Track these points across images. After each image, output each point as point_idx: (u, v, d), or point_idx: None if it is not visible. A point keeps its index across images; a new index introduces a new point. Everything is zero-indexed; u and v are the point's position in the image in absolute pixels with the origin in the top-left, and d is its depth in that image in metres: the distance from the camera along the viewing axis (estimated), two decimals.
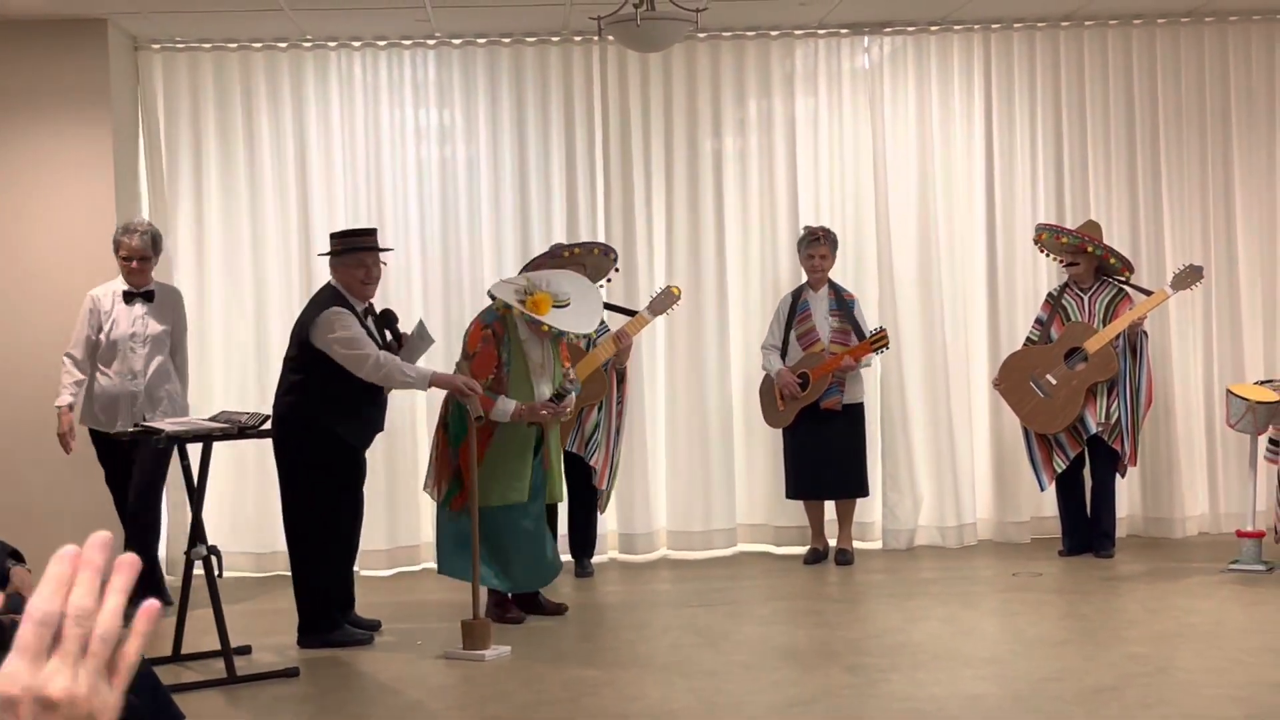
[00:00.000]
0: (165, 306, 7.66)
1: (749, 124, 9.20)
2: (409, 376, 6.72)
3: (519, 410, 6.72)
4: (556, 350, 7.04)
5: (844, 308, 8.53)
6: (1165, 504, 9.04)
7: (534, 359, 6.92)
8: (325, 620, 6.77)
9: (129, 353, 7.51)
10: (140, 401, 7.48)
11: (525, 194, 9.02)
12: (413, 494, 8.97)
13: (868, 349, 8.39)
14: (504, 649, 6.44)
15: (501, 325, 6.89)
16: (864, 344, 8.40)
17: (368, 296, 6.98)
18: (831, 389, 8.36)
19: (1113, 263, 8.35)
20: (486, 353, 6.84)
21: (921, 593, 7.63)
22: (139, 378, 7.51)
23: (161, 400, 7.53)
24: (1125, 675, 5.70)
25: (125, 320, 7.52)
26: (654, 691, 5.75)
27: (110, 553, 1.18)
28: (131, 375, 7.50)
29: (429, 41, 8.99)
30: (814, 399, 8.36)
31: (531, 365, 6.90)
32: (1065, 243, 8.32)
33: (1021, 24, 9.15)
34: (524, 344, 6.91)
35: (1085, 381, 8.18)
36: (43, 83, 8.25)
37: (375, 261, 6.96)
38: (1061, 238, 8.33)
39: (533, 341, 6.92)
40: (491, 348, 6.86)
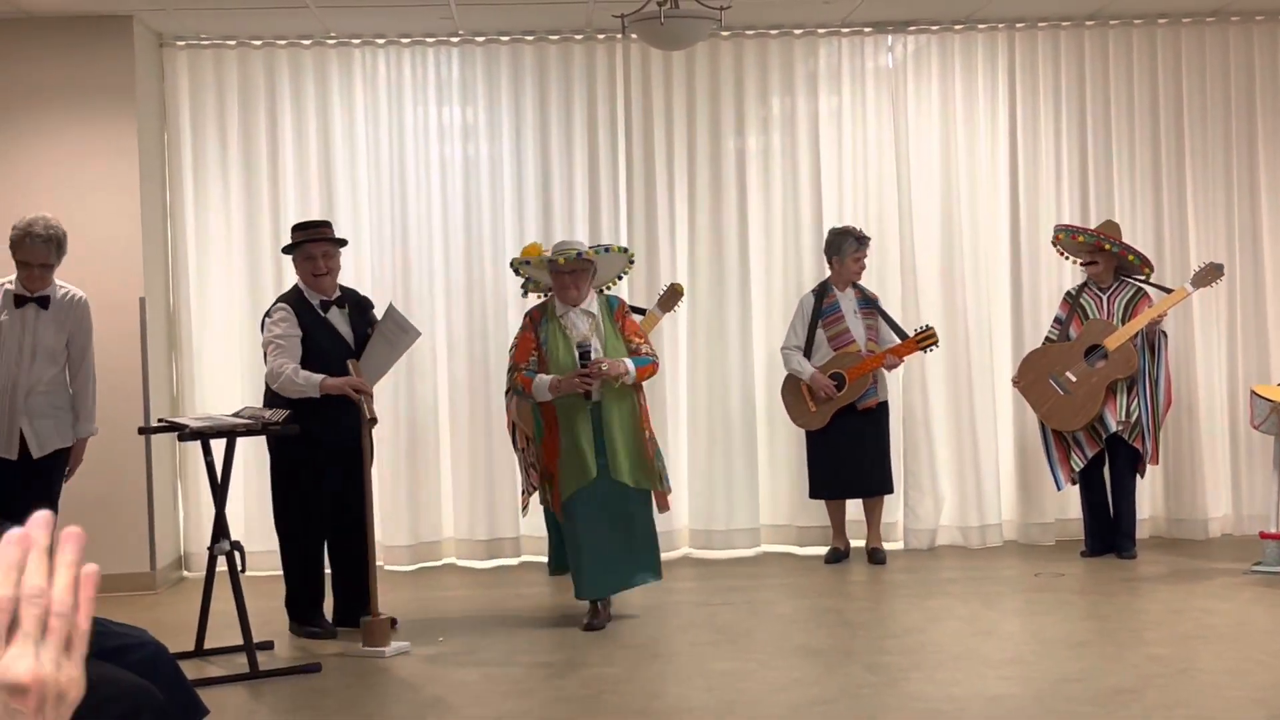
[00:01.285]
0: (64, 315, 6.80)
1: (772, 122, 9.20)
2: (300, 384, 6.76)
3: (554, 384, 6.70)
4: (611, 324, 6.88)
5: (872, 306, 8.52)
6: (1188, 505, 9.02)
7: (577, 334, 6.81)
8: (293, 611, 7.06)
9: (12, 364, 6.70)
10: (19, 418, 6.69)
11: (548, 192, 9.04)
12: (434, 491, 9.01)
13: (914, 347, 8.37)
14: (404, 644, 6.54)
15: (539, 310, 6.96)
16: (909, 342, 8.37)
17: (324, 289, 7.07)
18: (869, 389, 8.36)
19: (1132, 260, 8.32)
20: (524, 338, 6.94)
21: (942, 593, 7.62)
22: (20, 392, 6.69)
23: (47, 420, 6.76)
24: (1146, 676, 5.69)
25: (13, 327, 6.71)
26: (674, 689, 5.76)
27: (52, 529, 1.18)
28: (12, 388, 6.68)
29: (453, 39, 9.01)
30: (851, 399, 8.35)
31: (572, 340, 6.79)
32: (1082, 241, 8.30)
33: (1046, 23, 9.13)
34: (561, 320, 6.85)
35: (1105, 379, 8.16)
36: (69, 79, 8.29)
37: (325, 254, 7.03)
38: (1078, 237, 8.31)
39: (574, 316, 6.84)
40: (529, 332, 6.91)
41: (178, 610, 7.69)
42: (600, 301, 6.95)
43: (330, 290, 7.09)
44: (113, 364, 8.14)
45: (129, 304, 8.27)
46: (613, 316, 6.91)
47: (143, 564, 8.28)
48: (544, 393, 6.75)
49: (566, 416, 6.77)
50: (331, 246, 7.11)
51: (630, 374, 6.73)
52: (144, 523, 8.30)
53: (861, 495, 8.58)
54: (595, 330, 6.83)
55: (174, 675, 3.88)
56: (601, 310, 6.91)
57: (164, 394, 8.64)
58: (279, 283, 8.89)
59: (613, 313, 6.93)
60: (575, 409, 6.75)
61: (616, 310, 6.95)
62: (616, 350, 6.79)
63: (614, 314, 6.93)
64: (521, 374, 6.81)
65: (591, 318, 6.87)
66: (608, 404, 6.76)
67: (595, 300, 6.93)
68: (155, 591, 8.26)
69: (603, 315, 6.89)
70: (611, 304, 6.98)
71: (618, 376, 6.69)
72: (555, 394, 6.72)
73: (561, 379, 6.69)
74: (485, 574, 8.70)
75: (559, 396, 6.73)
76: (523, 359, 6.86)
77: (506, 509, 8.96)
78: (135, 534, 8.26)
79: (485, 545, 8.97)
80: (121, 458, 8.15)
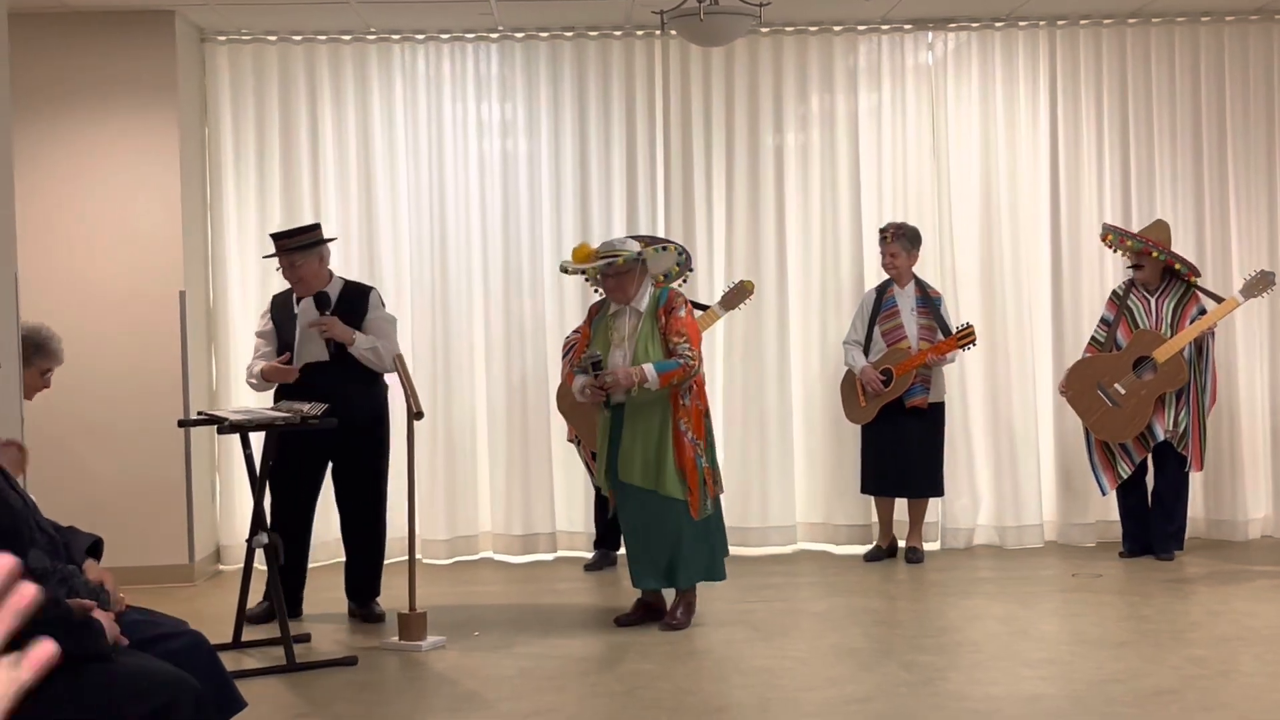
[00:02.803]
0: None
1: (811, 120, 9.17)
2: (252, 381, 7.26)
3: (580, 391, 6.81)
4: (653, 321, 6.71)
5: (929, 305, 8.49)
6: (1228, 507, 8.96)
7: (619, 332, 6.77)
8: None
9: None
10: None
11: (586, 188, 9.04)
12: (470, 486, 9.03)
13: (953, 345, 8.34)
14: (440, 638, 6.57)
15: (599, 305, 7.01)
16: (949, 340, 8.35)
17: (300, 293, 7.28)
18: (915, 387, 8.33)
19: (1178, 269, 8.24)
20: (583, 333, 7.03)
21: (979, 592, 7.59)
22: None
23: None
24: (1186, 678, 5.65)
25: None
26: (709, 686, 5.75)
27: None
28: None
29: (492, 35, 9.02)
30: (897, 395, 8.33)
31: (614, 339, 6.75)
32: (1130, 245, 8.23)
33: (1087, 20, 9.08)
34: (611, 318, 6.82)
35: (1155, 392, 8.09)
36: (110, 74, 8.34)
37: (285, 264, 7.22)
38: (1126, 240, 8.24)
39: (622, 314, 6.79)
40: (586, 328, 7.00)
41: (215, 602, 7.74)
42: (651, 298, 6.78)
43: (309, 291, 7.22)
44: (152, 357, 8.20)
45: (169, 298, 8.32)
46: (656, 313, 6.73)
47: (181, 556, 8.33)
48: (579, 394, 6.83)
49: (600, 419, 6.89)
50: (293, 256, 7.18)
51: (649, 381, 6.55)
52: (183, 515, 8.34)
53: (906, 495, 8.56)
54: (634, 332, 6.72)
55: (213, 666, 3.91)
56: (648, 307, 6.75)
57: (203, 387, 8.68)
58: None
59: (657, 310, 6.73)
60: (601, 412, 6.86)
61: (662, 306, 6.72)
62: (648, 353, 6.63)
63: (658, 311, 6.72)
64: (571, 370, 6.98)
65: (638, 316, 6.76)
66: (630, 406, 6.69)
67: (646, 297, 6.78)
68: (193, 584, 8.31)
69: (647, 313, 6.74)
70: (660, 299, 6.74)
71: (628, 388, 6.60)
72: (582, 400, 6.87)
73: (583, 386, 6.77)
74: (521, 569, 8.71)
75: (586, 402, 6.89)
76: (578, 355, 6.97)
77: (543, 504, 8.97)
78: (174, 526, 8.30)
79: (521, 540, 8.98)
80: (161, 450, 8.21)
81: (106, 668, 3.48)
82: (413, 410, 6.64)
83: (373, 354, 7.11)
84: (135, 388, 8.22)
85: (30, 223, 7.83)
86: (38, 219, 8.16)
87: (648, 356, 6.62)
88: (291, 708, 5.59)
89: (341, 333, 7.08)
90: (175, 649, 3.78)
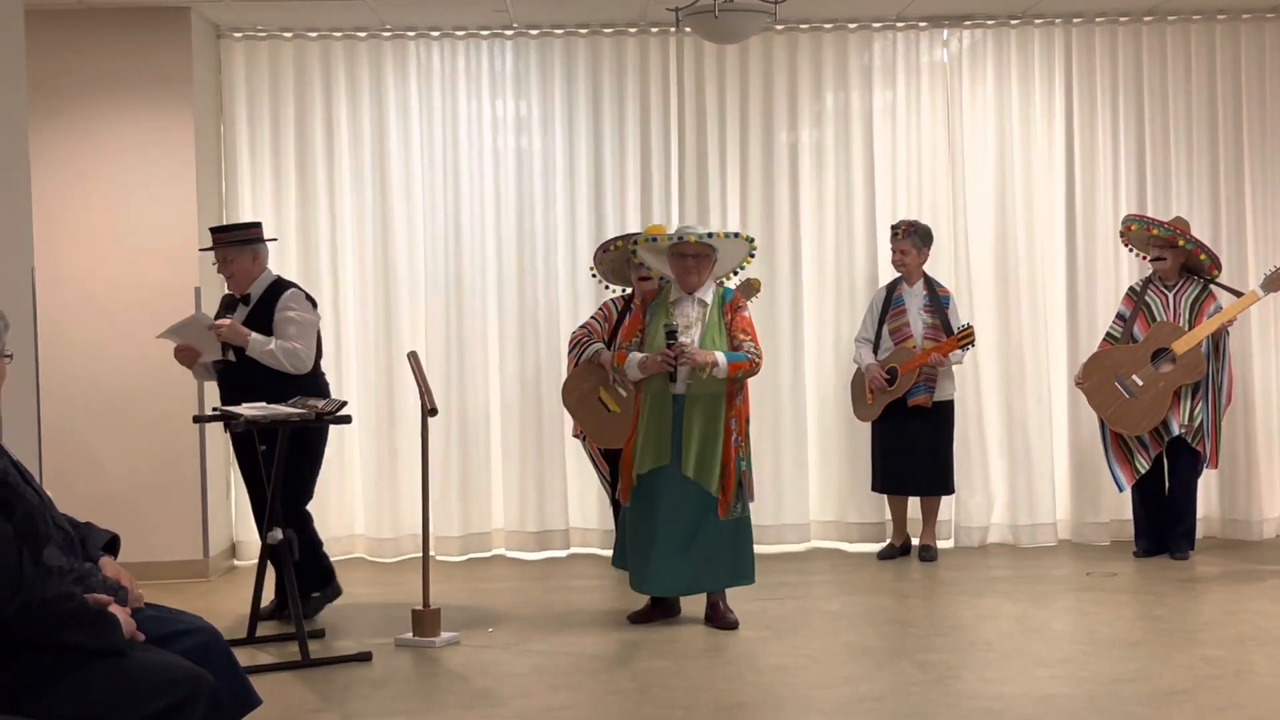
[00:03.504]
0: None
1: (825, 117, 9.16)
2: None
3: (642, 362, 6.68)
4: (719, 316, 6.75)
5: (937, 304, 8.48)
6: (1243, 506, 8.95)
7: (685, 318, 6.73)
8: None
9: None
10: None
11: (600, 185, 9.04)
12: (484, 482, 9.04)
13: (954, 345, 8.33)
14: (454, 635, 6.59)
15: (654, 292, 6.97)
16: (950, 340, 8.34)
17: (232, 290, 7.30)
18: (918, 387, 8.32)
19: (1203, 260, 8.22)
20: (634, 318, 6.97)
21: (993, 591, 7.58)
22: None
23: None
24: (1200, 678, 5.65)
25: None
26: (722, 684, 5.75)
27: None
28: None
29: (507, 32, 9.03)
30: (900, 394, 8.33)
31: (678, 324, 6.71)
32: (1157, 235, 8.20)
33: (1103, 18, 9.06)
34: (671, 305, 6.79)
35: (1172, 384, 8.07)
36: (126, 70, 8.36)
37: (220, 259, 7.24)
38: (1153, 229, 8.20)
39: (684, 302, 6.77)
40: (639, 314, 6.92)
41: (229, 598, 7.76)
42: (716, 293, 6.81)
43: (239, 289, 7.22)
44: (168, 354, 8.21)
45: (184, 293, 8.33)
46: (723, 309, 6.77)
47: (196, 552, 8.35)
48: (634, 370, 6.73)
49: (651, 402, 6.73)
50: (227, 251, 7.17)
51: (720, 366, 6.57)
52: (198, 511, 8.37)
53: (916, 493, 8.56)
54: (701, 319, 6.73)
55: (228, 662, 3.91)
56: (715, 301, 6.77)
57: None
58: (334, 273, 8.97)
59: (724, 305, 6.78)
60: (661, 396, 6.69)
61: (729, 303, 6.78)
62: (715, 342, 6.67)
63: (725, 306, 6.77)
64: (620, 351, 6.87)
65: (703, 307, 6.76)
66: (692, 398, 6.66)
67: (712, 290, 6.80)
68: (208, 579, 8.33)
69: (714, 306, 6.76)
70: (726, 296, 6.82)
71: (703, 365, 6.57)
72: (644, 372, 6.69)
73: (648, 357, 6.66)
74: (535, 565, 8.72)
75: (650, 376, 6.69)
76: (627, 338, 6.92)
77: (556, 501, 8.98)
78: (189, 522, 8.33)
79: (535, 537, 8.99)
80: (176, 446, 8.24)
81: (123, 663, 3.49)
82: (426, 407, 6.64)
83: (269, 356, 7.02)
84: (150, 384, 8.24)
85: (46, 219, 7.86)
86: (54, 215, 8.19)
87: (714, 348, 6.66)
88: (306, 704, 5.60)
89: (231, 334, 7.03)
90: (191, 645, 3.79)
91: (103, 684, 3.44)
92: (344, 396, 8.50)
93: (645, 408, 6.76)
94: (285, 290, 7.23)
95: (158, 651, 3.63)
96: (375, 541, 8.97)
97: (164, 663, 3.56)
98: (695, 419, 6.66)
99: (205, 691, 3.54)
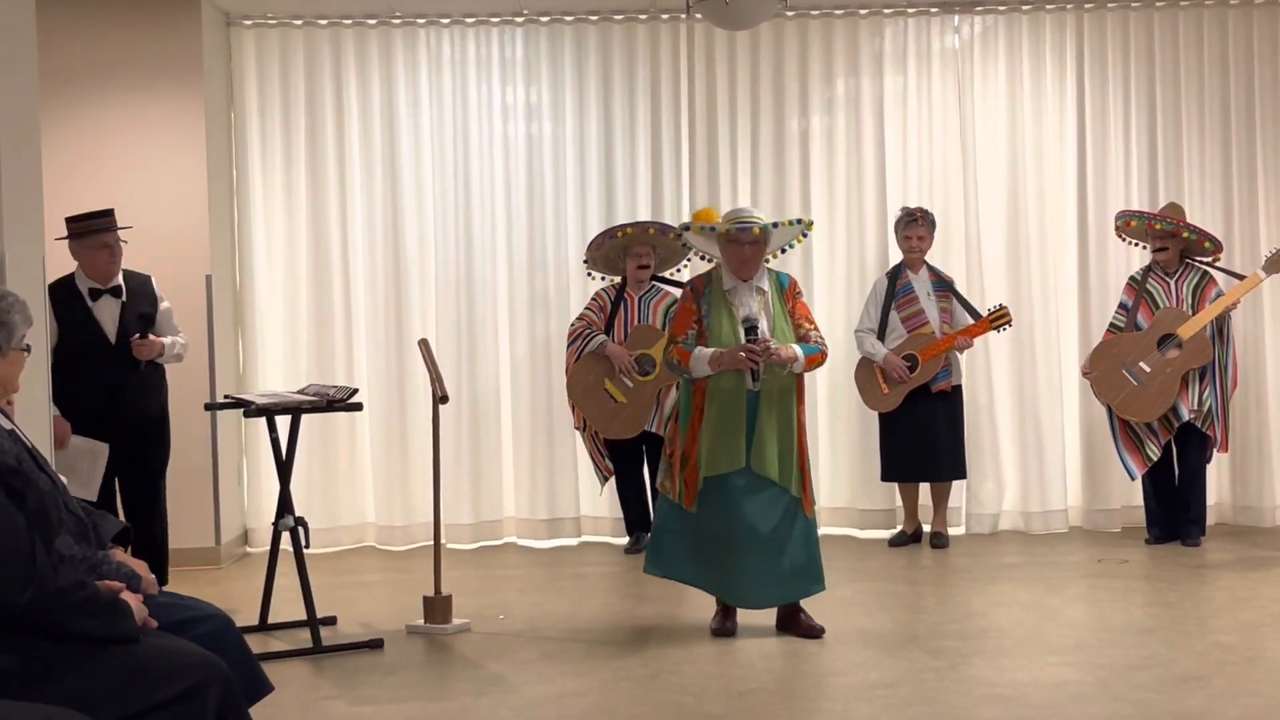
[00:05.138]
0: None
1: (836, 103, 9.14)
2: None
3: (715, 358, 6.15)
4: (781, 304, 6.31)
5: (946, 288, 8.47)
6: (1254, 492, 8.94)
7: (746, 308, 6.23)
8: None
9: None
10: None
11: (610, 172, 9.04)
12: (495, 469, 9.05)
13: (987, 327, 8.31)
14: (465, 621, 6.58)
15: (703, 280, 6.41)
16: (983, 322, 8.32)
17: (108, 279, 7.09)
18: (942, 371, 8.32)
19: (1207, 246, 8.21)
20: (684, 308, 6.37)
21: (1005, 578, 7.57)
22: None
23: None
24: (1212, 664, 5.64)
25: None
26: (734, 670, 5.75)
27: None
28: None
29: (517, 19, 9.02)
30: (923, 381, 8.32)
31: (738, 315, 6.23)
32: (1160, 229, 8.18)
33: (1115, 4, 9.03)
34: (728, 294, 6.29)
35: (1180, 369, 8.06)
36: (137, 58, 8.36)
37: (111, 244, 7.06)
38: (1155, 224, 8.19)
39: (741, 291, 6.28)
40: (689, 303, 6.36)
41: (241, 585, 7.77)
42: (771, 279, 6.36)
43: (112, 278, 7.09)
44: None
45: (195, 281, 8.35)
46: (783, 296, 6.37)
47: (208, 539, 8.37)
48: (703, 367, 6.17)
49: (720, 400, 6.21)
50: (113, 236, 7.07)
51: (799, 360, 6.17)
52: (209, 498, 8.38)
53: (933, 479, 8.55)
54: (764, 309, 6.27)
55: (241, 649, 3.92)
56: (772, 288, 6.34)
57: (230, 371, 8.71)
58: (344, 261, 8.97)
59: (784, 292, 6.37)
60: (733, 395, 6.19)
61: (788, 289, 6.38)
62: (785, 333, 6.24)
63: (785, 293, 6.37)
64: (679, 346, 6.25)
65: (762, 295, 6.31)
66: (766, 394, 6.19)
67: (766, 276, 6.34)
68: (219, 566, 8.34)
69: (773, 293, 6.33)
70: (783, 282, 6.38)
71: (786, 361, 6.16)
72: (716, 369, 6.15)
73: (724, 353, 6.13)
74: (546, 553, 8.73)
75: (720, 372, 6.18)
76: (681, 331, 6.29)
77: (567, 488, 8.99)
78: (201, 509, 8.34)
79: (546, 525, 9.00)
80: (188, 434, 8.23)
81: (135, 650, 3.49)
82: (437, 394, 6.65)
83: (175, 359, 7.14)
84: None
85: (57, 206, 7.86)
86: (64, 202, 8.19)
87: (784, 337, 6.26)
88: (318, 690, 5.61)
89: (150, 353, 7.01)
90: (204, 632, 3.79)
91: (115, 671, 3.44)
92: (355, 384, 8.53)
93: (711, 406, 6.23)
94: (142, 278, 7.20)
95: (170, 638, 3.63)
96: (386, 529, 8.99)
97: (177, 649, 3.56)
98: (769, 417, 6.21)
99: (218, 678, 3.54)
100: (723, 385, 6.22)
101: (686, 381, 6.35)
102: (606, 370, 8.32)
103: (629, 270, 8.43)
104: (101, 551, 3.84)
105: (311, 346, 8.93)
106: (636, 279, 8.43)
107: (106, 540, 3.93)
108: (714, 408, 6.23)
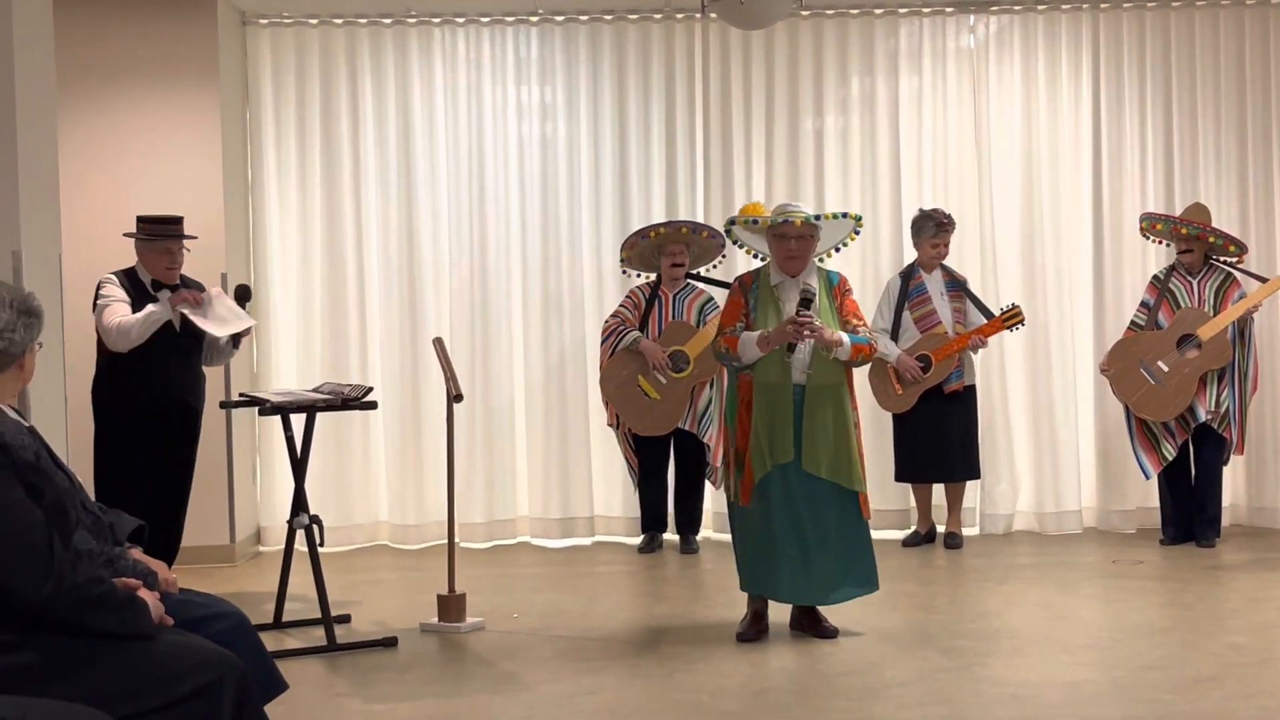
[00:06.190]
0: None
1: (851, 103, 9.14)
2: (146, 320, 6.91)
3: (762, 337, 6.11)
4: (829, 299, 6.27)
5: (960, 288, 8.46)
6: (1270, 494, 8.91)
7: (793, 302, 6.17)
8: None
9: None
10: None
11: (625, 172, 9.04)
12: (509, 468, 9.06)
13: (999, 326, 8.31)
14: (479, 620, 6.59)
15: (752, 276, 6.39)
16: (995, 321, 8.31)
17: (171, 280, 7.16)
18: (954, 373, 8.31)
19: (1232, 250, 8.18)
20: (732, 302, 6.34)
21: (1019, 578, 7.57)
22: None
23: None
24: (1227, 665, 5.63)
25: None
26: (747, 670, 5.75)
27: None
28: None
29: (532, 18, 9.02)
30: (937, 381, 8.31)
31: (785, 308, 6.18)
32: (1186, 234, 8.16)
33: (1131, 3, 9.01)
34: (775, 288, 6.25)
35: (1199, 369, 8.04)
36: (153, 56, 8.38)
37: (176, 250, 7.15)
38: (1181, 229, 8.16)
39: (788, 287, 6.23)
40: (738, 297, 6.33)
41: (255, 583, 7.79)
42: (820, 276, 6.33)
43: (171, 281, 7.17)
44: None
45: (211, 279, 8.34)
46: (832, 293, 6.32)
47: (223, 537, 8.38)
48: (751, 349, 6.13)
49: (765, 394, 6.17)
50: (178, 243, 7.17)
51: (845, 346, 6.11)
52: (224, 496, 8.40)
53: (947, 480, 8.54)
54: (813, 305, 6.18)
55: (256, 647, 3.93)
56: (821, 284, 6.29)
57: (244, 369, 8.73)
58: (359, 260, 8.98)
59: (833, 289, 6.33)
60: (778, 389, 6.14)
61: (836, 286, 6.34)
62: (831, 322, 6.21)
63: (834, 290, 6.33)
64: (726, 335, 6.22)
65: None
66: (812, 387, 6.14)
67: (814, 273, 6.31)
68: (234, 564, 8.36)
69: (821, 290, 6.28)
70: (832, 279, 6.34)
71: (830, 343, 6.08)
72: (765, 348, 6.10)
73: (772, 330, 6.11)
74: (559, 552, 8.73)
75: (766, 366, 6.14)
76: (729, 323, 6.28)
77: (581, 488, 8.99)
78: (215, 507, 8.36)
79: (560, 524, 9.01)
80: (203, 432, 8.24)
81: (152, 646, 3.50)
82: (452, 393, 6.66)
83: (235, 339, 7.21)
84: None
85: (72, 205, 7.89)
86: (80, 202, 8.22)
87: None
88: (332, 688, 5.62)
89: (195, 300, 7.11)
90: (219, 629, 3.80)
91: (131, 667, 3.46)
92: (369, 382, 8.55)
93: (757, 401, 6.18)
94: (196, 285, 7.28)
95: (186, 635, 3.65)
96: (400, 528, 9.00)
97: (193, 646, 3.57)
98: (821, 412, 6.14)
99: (233, 675, 3.55)
100: (768, 379, 6.18)
101: (732, 380, 6.34)
102: (640, 367, 8.34)
103: (664, 268, 8.47)
104: (118, 548, 3.85)
105: (326, 345, 8.95)
106: (671, 276, 8.47)
107: (123, 538, 3.95)
108: (761, 403, 6.19)
